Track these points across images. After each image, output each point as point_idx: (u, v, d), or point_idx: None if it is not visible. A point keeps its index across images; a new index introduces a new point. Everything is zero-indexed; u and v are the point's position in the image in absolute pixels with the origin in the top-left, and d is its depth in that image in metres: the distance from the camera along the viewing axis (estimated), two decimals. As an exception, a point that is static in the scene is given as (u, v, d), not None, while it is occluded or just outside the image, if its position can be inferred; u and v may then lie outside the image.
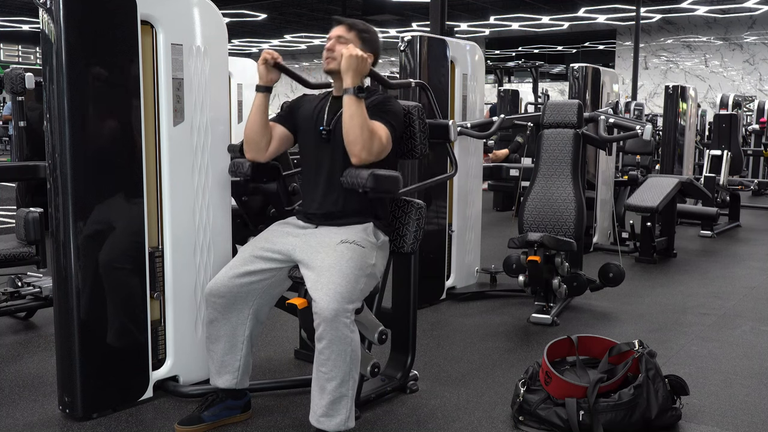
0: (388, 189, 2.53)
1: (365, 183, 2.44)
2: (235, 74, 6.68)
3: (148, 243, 2.76)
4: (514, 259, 4.32)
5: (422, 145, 2.75)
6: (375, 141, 2.49)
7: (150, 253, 2.78)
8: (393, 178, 2.53)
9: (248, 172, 2.75)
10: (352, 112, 2.47)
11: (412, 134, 2.74)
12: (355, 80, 2.50)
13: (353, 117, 2.46)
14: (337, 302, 2.30)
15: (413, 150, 2.75)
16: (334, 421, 2.36)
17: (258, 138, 2.69)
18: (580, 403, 2.59)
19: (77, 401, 2.62)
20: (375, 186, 2.45)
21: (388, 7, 16.30)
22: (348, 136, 2.48)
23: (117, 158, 2.65)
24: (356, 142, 2.46)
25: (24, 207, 4.13)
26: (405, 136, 2.74)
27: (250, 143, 2.70)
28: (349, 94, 2.48)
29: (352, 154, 2.48)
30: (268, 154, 2.73)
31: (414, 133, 2.74)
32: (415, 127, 2.74)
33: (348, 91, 2.48)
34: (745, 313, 4.35)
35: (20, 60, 26.44)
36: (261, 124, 2.68)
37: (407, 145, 2.76)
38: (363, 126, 2.46)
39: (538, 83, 17.19)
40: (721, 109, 11.07)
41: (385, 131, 2.55)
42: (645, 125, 4.75)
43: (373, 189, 2.46)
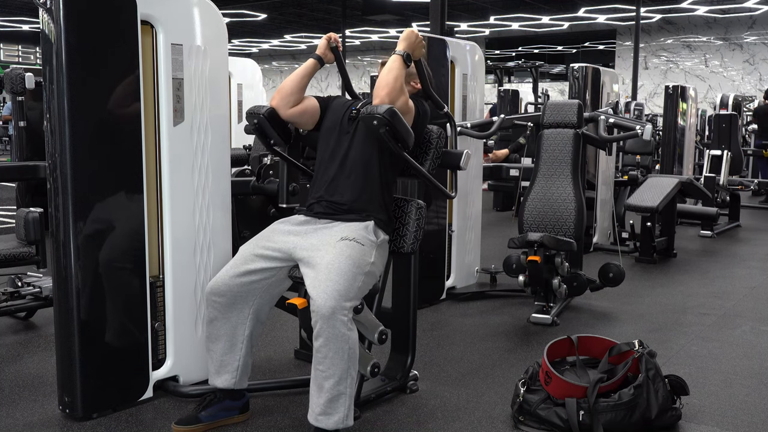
0: (401, 131, 2.54)
1: (383, 113, 2.47)
2: (235, 74, 6.69)
3: (148, 242, 2.76)
4: (514, 259, 4.32)
5: (431, 164, 2.82)
6: (402, 97, 2.60)
7: (150, 252, 2.78)
8: (408, 128, 2.58)
9: (265, 113, 2.75)
10: (392, 67, 2.61)
11: (426, 151, 2.80)
12: (407, 49, 2.66)
13: (392, 70, 2.60)
14: (334, 300, 2.30)
15: (422, 165, 2.79)
16: (332, 419, 2.36)
17: (290, 92, 2.75)
18: (580, 403, 2.59)
19: (77, 401, 2.62)
20: (391, 119, 2.47)
21: (388, 7, 16.30)
22: (380, 81, 2.59)
23: (117, 158, 2.65)
24: (386, 86, 2.57)
25: (24, 207, 4.13)
26: (417, 153, 2.79)
27: (281, 92, 2.76)
28: (397, 53, 2.64)
29: (377, 95, 2.59)
30: (290, 112, 2.76)
31: (426, 158, 2.81)
32: (429, 152, 2.81)
33: (397, 51, 2.64)
34: (745, 313, 4.35)
35: (20, 60, 26.44)
36: (299, 84, 2.76)
37: (418, 159, 2.80)
38: (398, 78, 2.59)
39: (538, 83, 17.19)
40: (721, 109, 11.07)
41: (412, 104, 2.69)
42: (645, 125, 4.75)
43: (389, 123, 2.47)
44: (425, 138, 2.82)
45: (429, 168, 2.80)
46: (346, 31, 17.93)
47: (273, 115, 2.74)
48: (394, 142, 2.55)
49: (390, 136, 2.52)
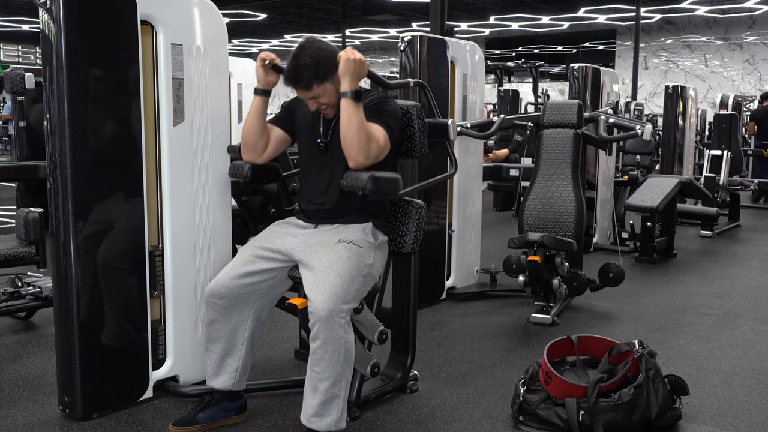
0: (388, 191, 2.52)
1: (365, 186, 2.42)
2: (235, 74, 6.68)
3: (148, 242, 2.76)
4: (514, 259, 4.32)
5: (422, 145, 2.74)
6: (372, 145, 2.47)
7: (150, 252, 2.78)
8: (393, 179, 2.52)
9: (248, 175, 2.74)
10: (349, 116, 2.43)
11: (411, 134, 2.73)
12: (353, 84, 2.45)
13: (350, 120, 2.43)
14: (331, 302, 2.30)
15: (413, 150, 2.75)
16: (325, 421, 2.36)
17: (255, 140, 2.67)
18: (580, 403, 2.59)
19: (77, 401, 2.62)
20: (375, 189, 2.44)
21: (388, 7, 16.31)
22: (345, 139, 2.45)
23: (117, 158, 2.65)
24: (353, 146, 2.43)
25: (24, 207, 4.12)
26: (404, 135, 2.73)
27: (247, 145, 2.69)
28: (346, 98, 2.43)
29: (350, 158, 2.46)
30: (265, 156, 2.72)
31: (413, 133, 2.73)
32: (414, 127, 2.73)
33: (346, 95, 2.43)
34: (745, 313, 4.35)
35: (20, 60, 26.44)
36: (258, 128, 2.66)
37: (407, 144, 2.75)
38: (360, 130, 2.43)
39: (538, 83, 17.19)
40: (721, 109, 11.06)
41: (382, 133, 2.53)
42: (645, 125, 4.75)
43: (373, 191, 2.44)
44: (406, 121, 2.72)
45: (420, 149, 2.74)
46: (346, 31, 17.93)
47: (255, 170, 2.75)
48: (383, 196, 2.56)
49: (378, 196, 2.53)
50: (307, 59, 2.46)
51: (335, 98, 2.53)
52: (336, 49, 2.57)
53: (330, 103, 2.55)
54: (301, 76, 2.46)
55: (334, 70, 2.48)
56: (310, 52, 2.48)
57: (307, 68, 2.45)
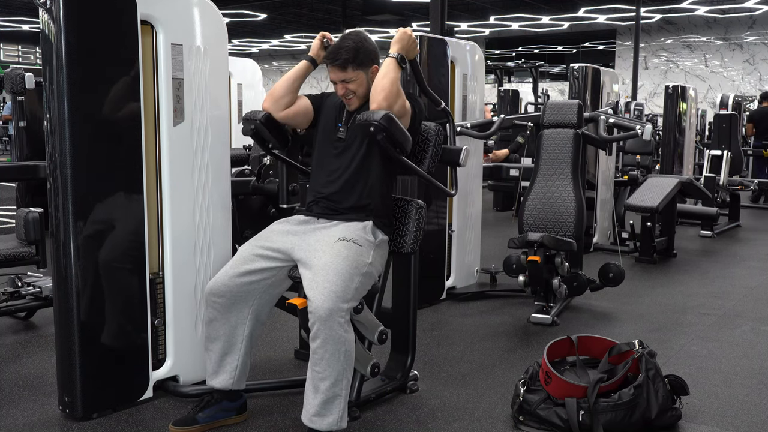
0: (398, 138, 2.53)
1: (380, 120, 2.45)
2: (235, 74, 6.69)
3: (148, 241, 2.76)
4: (514, 259, 4.32)
5: (431, 162, 2.80)
6: (399, 99, 2.57)
7: (151, 280, 2.78)
8: (405, 133, 2.56)
9: (262, 119, 2.74)
10: (387, 70, 2.57)
11: (424, 149, 2.79)
12: (401, 51, 2.62)
13: (388, 74, 2.56)
14: (331, 301, 2.30)
15: (421, 163, 2.80)
16: (326, 420, 2.36)
17: (283, 94, 2.74)
18: (580, 403, 2.59)
19: (77, 401, 2.62)
20: (388, 126, 2.46)
21: (388, 7, 16.29)
22: (376, 86, 2.56)
23: (117, 158, 2.65)
24: (383, 90, 2.53)
25: (24, 207, 4.13)
26: (415, 150, 2.77)
27: (273, 95, 2.75)
28: (391, 57, 2.60)
29: (374, 100, 2.54)
30: (284, 114, 2.76)
31: (425, 155, 2.79)
32: (428, 150, 2.79)
33: (390, 55, 2.60)
34: (745, 313, 4.35)
35: (20, 60, 26.43)
36: (291, 86, 2.74)
37: (417, 157, 2.78)
38: (394, 82, 2.55)
39: (538, 83, 17.19)
40: (721, 109, 11.06)
41: (409, 105, 2.65)
42: (645, 125, 4.75)
43: (386, 129, 2.46)
44: (423, 136, 2.80)
45: (428, 166, 2.78)
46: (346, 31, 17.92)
47: (269, 120, 2.74)
48: (392, 147, 2.55)
49: (387, 142, 2.51)
50: (350, 43, 2.63)
51: (363, 90, 2.66)
52: (376, 47, 2.73)
53: (357, 93, 2.67)
54: (340, 55, 2.62)
55: (371, 63, 2.66)
56: (355, 38, 2.66)
57: (348, 50, 2.61)
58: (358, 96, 2.67)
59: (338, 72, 2.63)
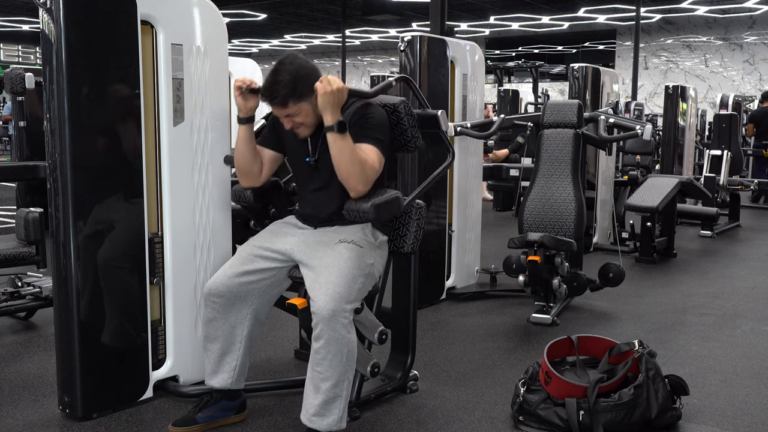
0: (392, 213, 2.57)
1: (368, 216, 2.47)
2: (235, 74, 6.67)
3: (147, 240, 2.76)
4: (514, 259, 4.32)
5: (415, 138, 2.72)
6: (368, 171, 2.46)
7: (150, 239, 2.78)
8: (393, 201, 2.53)
9: (250, 199, 2.80)
10: (339, 149, 2.39)
11: (402, 130, 2.71)
12: (335, 114, 2.39)
13: (341, 154, 2.40)
14: (335, 302, 2.30)
15: (407, 144, 2.73)
16: (326, 421, 2.36)
17: (249, 167, 2.68)
18: (580, 403, 2.59)
19: (77, 401, 2.62)
20: (378, 216, 2.49)
21: (388, 7, 16.29)
22: (340, 173, 2.44)
23: (117, 158, 2.65)
24: (350, 178, 2.44)
25: (24, 207, 4.13)
26: (396, 132, 2.72)
27: (243, 173, 2.70)
28: (332, 132, 2.39)
29: (349, 188, 2.47)
30: (263, 179, 2.74)
31: (404, 129, 2.71)
32: (404, 124, 2.70)
33: (331, 129, 2.39)
34: (745, 313, 4.35)
35: (20, 60, 26.45)
36: (250, 155, 2.65)
37: (400, 140, 2.73)
38: (353, 161, 2.40)
39: (538, 83, 17.19)
40: (721, 109, 11.06)
41: (375, 153, 2.49)
42: (645, 125, 4.75)
43: (377, 219, 2.51)
44: (395, 119, 2.69)
45: (415, 143, 2.73)
46: (346, 31, 17.94)
47: (256, 193, 2.78)
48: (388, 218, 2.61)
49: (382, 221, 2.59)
50: (285, 76, 2.42)
51: (311, 118, 2.50)
52: (317, 68, 2.55)
53: (305, 123, 2.52)
54: (278, 92, 2.42)
55: (312, 91, 2.42)
56: (290, 68, 2.44)
57: (284, 85, 2.41)
58: (306, 125, 2.52)
59: (280, 109, 2.47)
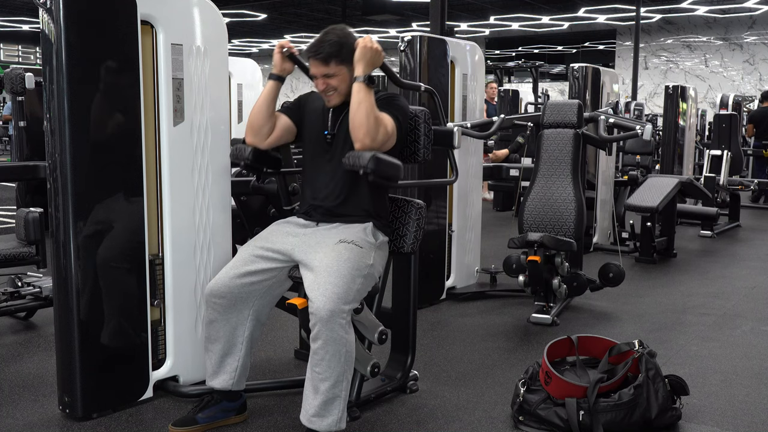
0: (389, 174, 2.51)
1: (366, 164, 2.40)
2: (235, 74, 6.69)
3: (148, 241, 2.76)
4: (514, 259, 4.32)
5: (425, 150, 2.77)
6: (380, 129, 2.50)
7: (150, 260, 2.78)
8: (394, 164, 2.52)
9: (249, 157, 2.72)
10: (360, 99, 2.47)
11: (416, 138, 2.76)
12: (367, 70, 2.51)
13: (361, 104, 2.47)
14: (333, 303, 2.30)
15: (416, 154, 2.77)
16: (326, 421, 2.36)
17: (261, 124, 2.68)
18: (580, 403, 2.59)
19: (77, 401, 2.62)
20: (376, 168, 2.42)
21: (388, 7, 16.29)
22: (354, 122, 2.48)
23: (117, 158, 2.65)
24: (361, 127, 2.46)
25: (24, 207, 4.13)
26: (409, 139, 2.76)
27: (252, 128, 2.69)
28: (359, 82, 2.49)
29: (356, 139, 2.48)
30: (269, 142, 2.72)
31: (418, 138, 2.76)
32: (420, 132, 2.76)
33: (358, 79, 2.49)
34: (745, 313, 4.35)
35: (20, 60, 26.44)
36: (266, 112, 2.68)
37: (410, 148, 2.76)
38: (369, 113, 2.47)
39: (538, 83, 17.18)
40: (721, 109, 11.06)
41: (391, 122, 2.57)
42: (645, 125, 4.75)
43: (374, 171, 2.42)
44: (412, 124, 2.75)
45: (423, 154, 2.75)
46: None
47: (257, 153, 2.73)
48: (384, 180, 2.53)
49: (378, 178, 2.48)
50: (333, 37, 2.56)
51: (345, 86, 2.59)
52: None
53: (339, 90, 2.60)
54: (323, 49, 2.55)
55: (349, 56, 2.55)
56: (339, 33, 2.59)
57: (332, 44, 2.54)
58: (339, 93, 2.60)
59: (320, 66, 2.57)
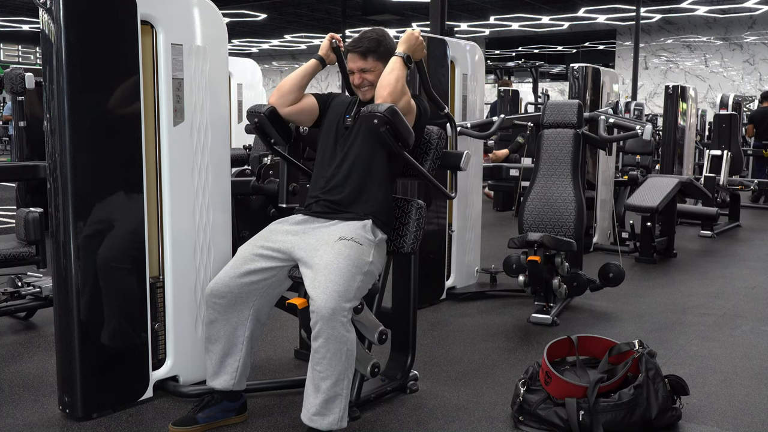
0: (401, 130, 2.54)
1: (384, 111, 2.47)
2: (235, 74, 6.70)
3: (148, 241, 2.76)
4: (514, 259, 4.32)
5: (429, 170, 2.80)
6: (404, 96, 2.59)
7: (151, 283, 2.78)
8: (408, 127, 2.58)
9: (266, 112, 2.76)
10: (393, 68, 2.60)
11: (424, 157, 2.79)
12: (408, 51, 2.65)
13: (393, 71, 2.59)
14: (334, 301, 2.30)
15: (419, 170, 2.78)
16: (327, 420, 2.36)
17: (289, 90, 2.77)
18: (580, 403, 2.59)
19: (77, 401, 2.62)
20: (392, 119, 2.48)
21: (388, 7, 16.29)
22: (383, 81, 2.59)
23: (117, 158, 2.65)
24: (388, 86, 2.56)
25: (24, 207, 4.13)
26: (416, 153, 2.78)
27: (280, 90, 2.77)
28: (398, 56, 2.62)
29: (379, 96, 2.57)
30: (289, 110, 2.78)
31: (426, 158, 2.81)
32: (429, 153, 2.81)
33: (400, 55, 2.62)
34: (745, 313, 4.35)
35: (20, 60, 26.43)
36: (299, 83, 2.77)
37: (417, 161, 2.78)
38: (399, 79, 2.58)
39: (538, 83, 17.18)
40: (721, 109, 11.05)
41: (414, 104, 2.69)
42: (645, 125, 4.75)
43: (389, 122, 2.47)
44: (425, 139, 2.82)
45: (429, 168, 2.80)
46: (346, 31, 17.93)
47: (273, 114, 2.76)
48: (395, 141, 2.55)
49: (390, 135, 2.52)
50: (373, 34, 2.73)
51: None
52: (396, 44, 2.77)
53: (373, 83, 2.69)
54: (363, 43, 2.70)
55: (389, 58, 2.67)
56: (378, 32, 2.76)
57: (371, 40, 2.70)
58: (373, 87, 2.70)
59: (358, 60, 2.70)
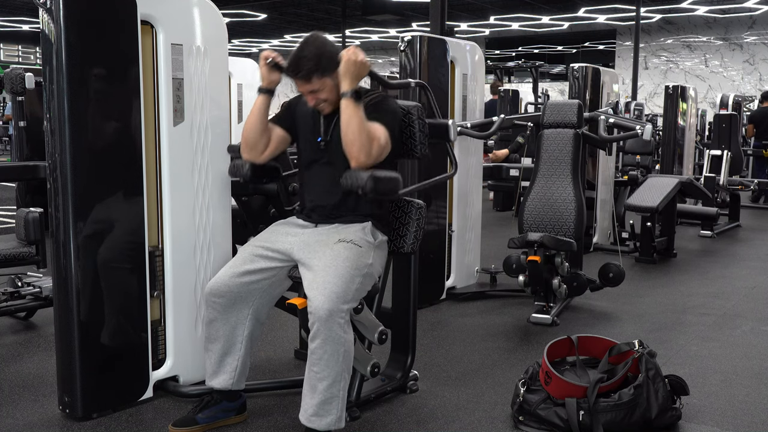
0: (388, 191, 2.51)
1: (365, 185, 2.41)
2: (235, 74, 6.69)
3: (148, 242, 2.76)
4: (514, 259, 4.32)
5: (422, 145, 2.74)
6: (374, 143, 2.47)
7: (150, 252, 2.78)
8: (393, 179, 2.51)
9: (247, 174, 2.74)
10: (349, 115, 2.44)
11: (411, 134, 2.74)
12: (354, 84, 2.47)
13: (351, 120, 2.44)
14: (331, 302, 2.30)
15: (413, 150, 2.75)
16: (325, 420, 2.36)
17: (256, 139, 2.66)
18: (580, 403, 2.59)
19: (77, 401, 2.62)
20: (375, 188, 2.42)
21: (388, 7, 16.30)
22: (346, 139, 2.45)
23: (117, 158, 2.65)
24: (354, 145, 2.44)
25: (24, 207, 4.13)
26: (405, 135, 2.74)
27: (248, 144, 2.68)
28: (347, 98, 2.45)
29: (351, 157, 2.46)
30: (266, 156, 2.72)
31: (414, 133, 2.74)
32: (414, 127, 2.73)
33: (346, 95, 2.45)
34: (745, 313, 4.35)
35: (20, 60, 26.44)
36: (260, 127, 2.65)
37: (407, 145, 2.75)
38: (361, 130, 2.43)
39: (538, 83, 17.18)
40: (721, 109, 11.05)
41: (383, 132, 2.53)
42: (645, 125, 4.75)
43: (373, 191, 2.43)
44: (406, 122, 2.73)
45: (421, 149, 2.74)
46: (346, 31, 17.93)
47: (254, 169, 2.74)
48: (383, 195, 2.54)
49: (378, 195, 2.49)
50: (309, 51, 2.49)
51: (334, 95, 2.54)
52: (339, 48, 2.58)
53: (328, 100, 2.56)
54: (302, 66, 2.48)
55: (335, 67, 2.49)
56: (315, 44, 2.51)
57: (309, 59, 2.48)
58: (330, 102, 2.56)
59: (304, 84, 2.52)
